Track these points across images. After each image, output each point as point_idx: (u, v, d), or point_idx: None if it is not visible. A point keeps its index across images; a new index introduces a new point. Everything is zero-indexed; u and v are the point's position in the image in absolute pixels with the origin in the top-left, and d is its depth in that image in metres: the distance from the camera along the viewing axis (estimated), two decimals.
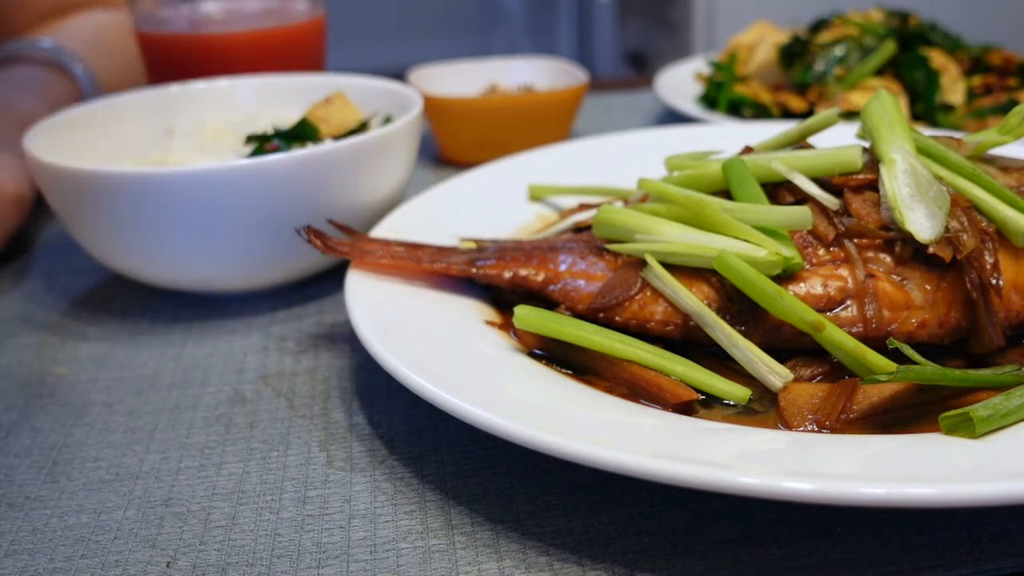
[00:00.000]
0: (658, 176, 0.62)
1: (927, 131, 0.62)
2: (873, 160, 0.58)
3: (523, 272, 0.59)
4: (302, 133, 0.75)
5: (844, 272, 0.53)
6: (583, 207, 0.72)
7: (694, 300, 0.53)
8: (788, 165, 0.57)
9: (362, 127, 0.78)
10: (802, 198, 0.57)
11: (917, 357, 0.47)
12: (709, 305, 0.54)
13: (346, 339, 0.65)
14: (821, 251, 0.54)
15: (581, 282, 0.58)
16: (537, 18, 4.32)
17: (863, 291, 0.53)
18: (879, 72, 1.06)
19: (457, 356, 0.52)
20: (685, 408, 0.49)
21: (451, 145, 1.03)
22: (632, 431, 0.46)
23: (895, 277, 0.53)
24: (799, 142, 0.62)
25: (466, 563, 0.43)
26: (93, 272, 0.79)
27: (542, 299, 0.59)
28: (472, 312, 0.59)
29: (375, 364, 0.60)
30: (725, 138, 0.80)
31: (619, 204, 0.66)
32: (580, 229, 0.67)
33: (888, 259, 0.54)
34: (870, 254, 0.54)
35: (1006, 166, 0.60)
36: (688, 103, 1.11)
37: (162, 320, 0.70)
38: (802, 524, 0.44)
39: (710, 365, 0.52)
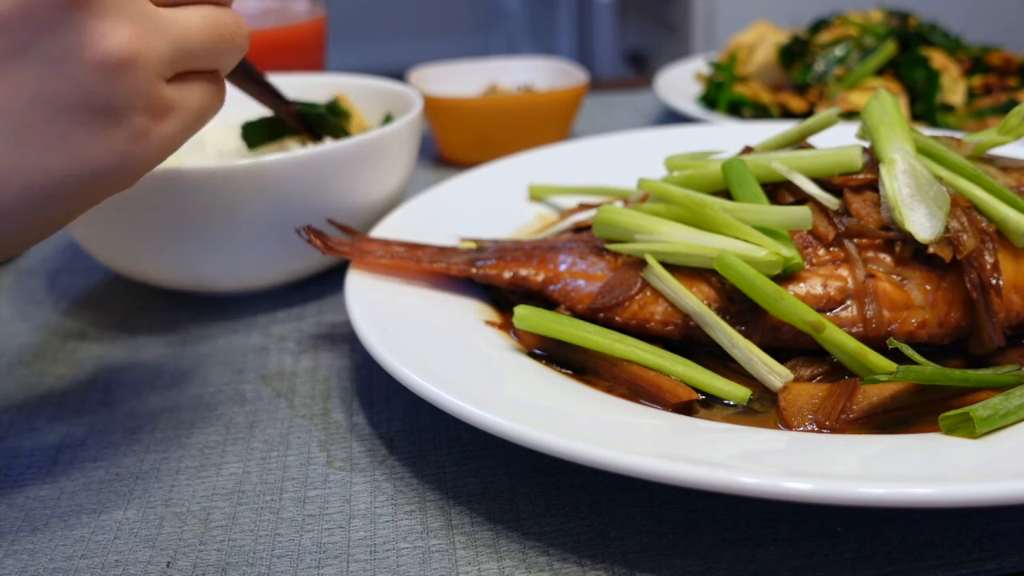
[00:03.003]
0: (658, 176, 0.62)
1: (927, 131, 0.62)
2: (873, 160, 0.58)
3: (523, 272, 0.59)
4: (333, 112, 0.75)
5: (844, 272, 0.53)
6: (583, 207, 0.72)
7: (694, 300, 0.53)
8: (788, 165, 0.57)
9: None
10: (802, 198, 0.57)
11: (917, 357, 0.47)
12: (709, 305, 0.54)
13: (346, 339, 0.65)
14: (821, 251, 0.54)
15: (581, 282, 0.58)
16: (537, 18, 4.32)
17: (863, 291, 0.53)
18: (879, 72, 1.06)
19: (457, 356, 0.52)
20: (685, 408, 0.49)
21: (451, 145, 1.03)
22: (632, 431, 0.46)
23: (895, 277, 0.53)
24: (799, 142, 0.62)
25: (466, 563, 0.43)
26: (93, 272, 0.79)
27: (542, 299, 0.59)
28: (472, 312, 0.59)
29: (375, 364, 0.60)
30: (725, 138, 0.80)
31: (619, 204, 0.66)
32: (580, 229, 0.67)
33: (888, 259, 0.54)
34: (870, 254, 0.54)
35: (1006, 166, 0.60)
36: (688, 103, 1.11)
37: (162, 320, 0.70)
38: (802, 524, 0.44)
39: (710, 365, 0.52)
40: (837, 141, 0.63)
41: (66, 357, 0.65)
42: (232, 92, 0.86)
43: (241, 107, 0.86)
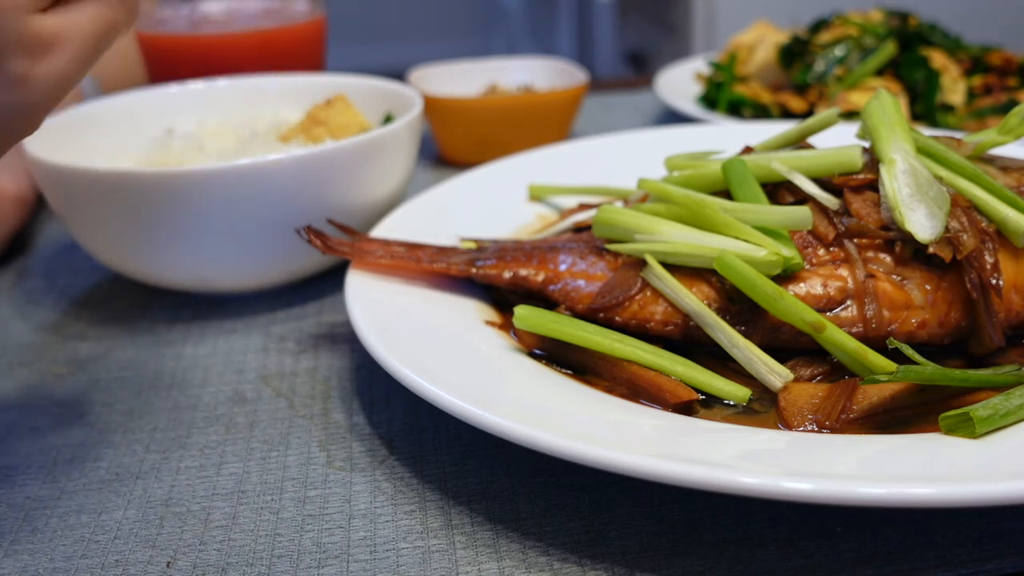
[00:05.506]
0: (658, 176, 0.62)
1: (927, 131, 0.62)
2: (873, 160, 0.58)
3: (523, 272, 0.59)
4: None
5: (844, 272, 0.53)
6: (583, 207, 0.72)
7: (694, 300, 0.53)
8: (788, 165, 0.57)
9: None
10: (802, 198, 0.57)
11: (917, 357, 0.47)
12: (709, 305, 0.54)
13: (346, 339, 0.65)
14: (821, 251, 0.54)
15: (581, 282, 0.58)
16: (537, 18, 4.32)
17: (863, 291, 0.53)
18: (879, 72, 1.06)
19: (457, 356, 0.52)
20: (685, 408, 0.49)
21: (451, 145, 1.03)
22: (632, 431, 0.46)
23: (895, 277, 0.53)
24: (799, 142, 0.62)
25: (466, 563, 0.43)
26: (93, 272, 0.79)
27: (542, 299, 0.59)
28: (472, 312, 0.59)
29: (375, 364, 0.60)
30: (725, 138, 0.80)
31: (619, 204, 0.66)
32: (580, 229, 0.67)
33: (888, 259, 0.54)
34: (870, 254, 0.54)
35: (1006, 166, 0.60)
36: (688, 103, 1.11)
37: (162, 320, 0.70)
38: (802, 524, 0.44)
39: (710, 365, 0.52)
40: (837, 141, 0.63)
41: (66, 357, 0.65)
42: (232, 92, 0.86)
43: (241, 108, 0.86)
